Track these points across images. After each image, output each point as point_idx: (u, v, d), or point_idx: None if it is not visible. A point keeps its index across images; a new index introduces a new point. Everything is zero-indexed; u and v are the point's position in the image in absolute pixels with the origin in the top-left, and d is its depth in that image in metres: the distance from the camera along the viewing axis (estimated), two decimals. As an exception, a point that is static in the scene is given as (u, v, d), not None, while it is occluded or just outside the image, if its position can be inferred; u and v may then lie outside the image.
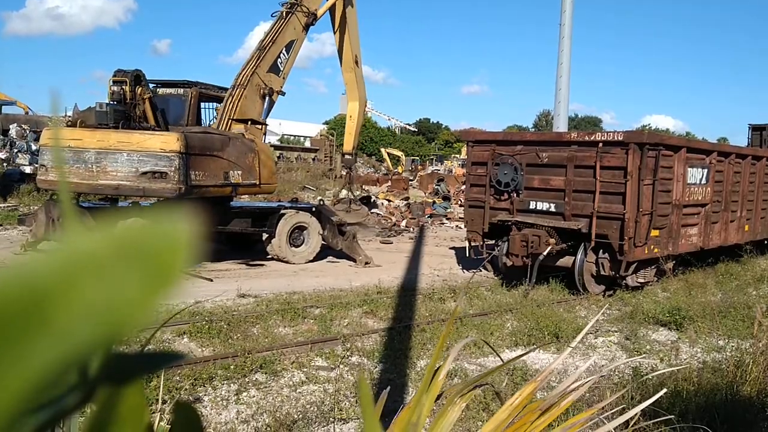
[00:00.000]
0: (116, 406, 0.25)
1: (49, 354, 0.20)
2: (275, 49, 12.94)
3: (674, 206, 10.94)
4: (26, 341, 0.20)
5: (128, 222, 0.22)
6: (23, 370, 0.20)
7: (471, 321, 8.33)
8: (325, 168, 35.91)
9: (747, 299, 9.81)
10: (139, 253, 0.22)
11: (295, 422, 5.05)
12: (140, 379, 0.27)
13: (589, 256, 10.39)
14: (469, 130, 14.08)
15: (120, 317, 0.21)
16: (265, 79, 12.76)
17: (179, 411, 0.33)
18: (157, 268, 0.22)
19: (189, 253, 0.22)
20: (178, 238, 0.23)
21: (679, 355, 7.17)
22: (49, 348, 0.20)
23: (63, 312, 0.20)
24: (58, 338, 0.20)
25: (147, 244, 0.22)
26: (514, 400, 1.52)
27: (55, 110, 1.05)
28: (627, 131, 10.18)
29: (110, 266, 0.21)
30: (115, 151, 10.30)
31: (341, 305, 8.81)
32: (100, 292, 0.21)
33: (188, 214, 0.23)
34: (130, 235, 0.22)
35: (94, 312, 0.21)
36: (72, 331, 0.21)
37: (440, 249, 15.78)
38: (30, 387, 0.20)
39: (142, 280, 0.22)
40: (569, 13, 19.07)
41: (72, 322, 0.21)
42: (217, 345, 6.94)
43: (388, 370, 6.48)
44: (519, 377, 6.05)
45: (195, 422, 0.34)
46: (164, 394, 5.07)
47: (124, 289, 0.21)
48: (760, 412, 4.83)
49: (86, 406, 0.26)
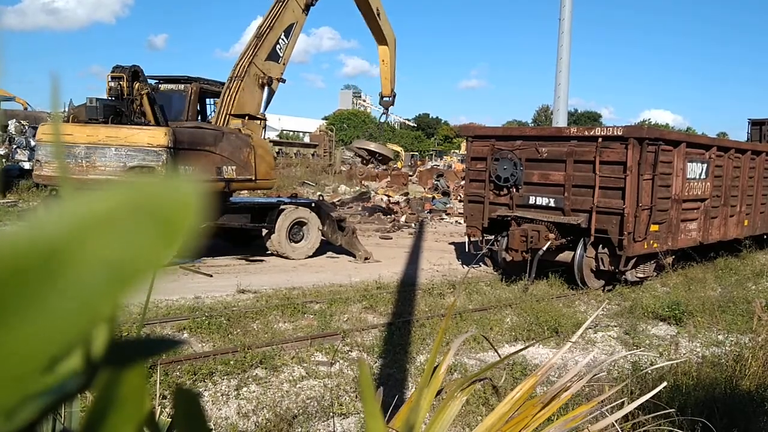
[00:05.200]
0: (118, 389, 0.25)
1: (64, 308, 0.20)
2: (273, 35, 12.56)
3: (674, 201, 10.94)
4: (41, 295, 0.20)
5: (137, 179, 0.22)
6: (40, 326, 0.20)
7: (471, 316, 8.34)
8: (324, 163, 35.89)
9: (746, 294, 9.82)
10: (149, 209, 0.22)
11: (295, 417, 5.06)
12: (142, 362, 0.27)
13: (589, 251, 10.40)
14: (469, 125, 14.03)
15: (132, 271, 0.21)
16: (264, 67, 12.44)
17: (180, 397, 0.33)
18: (167, 223, 0.22)
19: (198, 209, 0.22)
20: (187, 194, 0.23)
21: (678, 349, 7.18)
22: (63, 302, 0.20)
23: (77, 266, 0.20)
24: (73, 292, 0.20)
25: (157, 201, 0.22)
26: (515, 394, 1.53)
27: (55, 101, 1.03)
28: (626, 126, 10.18)
29: (121, 222, 0.21)
30: (104, 145, 10.34)
31: (341, 300, 8.82)
32: (112, 246, 0.21)
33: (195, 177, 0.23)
34: (140, 191, 0.22)
35: (107, 266, 0.21)
36: (86, 285, 0.21)
37: (440, 244, 15.78)
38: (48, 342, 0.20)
39: (153, 235, 0.22)
40: (569, 8, 19.03)
41: (85, 276, 0.21)
42: (216, 340, 6.95)
43: (387, 365, 6.49)
44: (519, 372, 6.06)
45: (197, 408, 0.34)
46: (164, 389, 5.07)
47: (135, 243, 0.21)
48: (759, 406, 4.84)
49: (88, 390, 0.26)
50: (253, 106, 12.39)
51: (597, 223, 10.15)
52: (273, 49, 12.61)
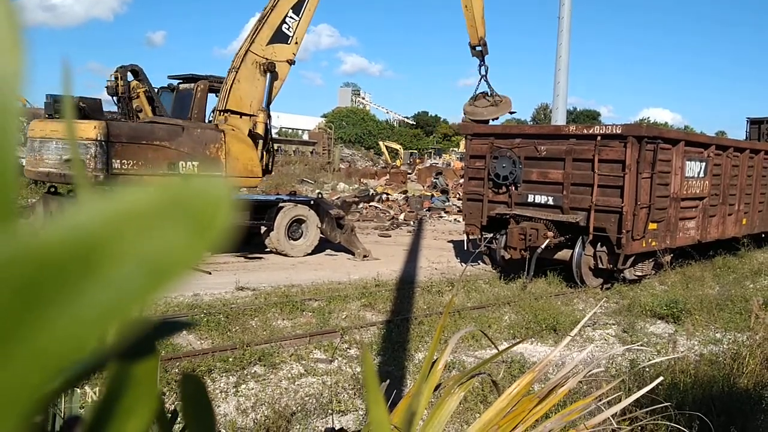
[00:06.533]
0: (132, 369, 0.26)
1: (101, 301, 0.21)
2: (276, 15, 12.08)
3: (672, 199, 10.96)
4: (78, 290, 0.21)
5: (170, 179, 0.23)
6: (74, 318, 0.21)
7: (469, 314, 8.35)
8: (323, 161, 35.90)
9: (744, 292, 9.84)
10: (183, 207, 0.23)
11: (294, 414, 5.07)
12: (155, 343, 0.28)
13: (587, 249, 10.41)
14: (468, 123, 13.88)
15: (168, 267, 0.22)
16: (267, 52, 12.04)
17: (187, 383, 0.34)
18: (201, 220, 0.23)
19: (230, 207, 0.23)
20: (219, 193, 0.24)
21: (676, 347, 7.20)
22: (99, 297, 0.21)
23: (113, 262, 0.21)
24: (109, 287, 0.21)
25: (190, 199, 0.23)
26: (512, 390, 1.54)
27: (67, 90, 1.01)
28: (625, 124, 10.19)
29: (157, 218, 0.22)
30: (49, 139, 10.68)
31: (340, 298, 8.83)
32: (147, 242, 0.22)
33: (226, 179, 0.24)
34: (174, 190, 0.23)
35: (144, 262, 0.22)
36: (123, 280, 0.21)
37: (438, 242, 15.80)
38: (83, 335, 0.21)
39: (187, 232, 0.23)
40: (568, 6, 19.02)
41: (123, 271, 0.21)
42: (215, 337, 6.96)
43: (386, 362, 6.51)
44: (517, 370, 6.08)
45: (203, 393, 0.35)
46: (163, 386, 5.08)
47: (170, 240, 0.22)
48: (756, 404, 4.86)
49: (102, 370, 0.27)
50: (255, 95, 12.09)
51: (595, 222, 10.16)
52: (278, 30, 12.13)
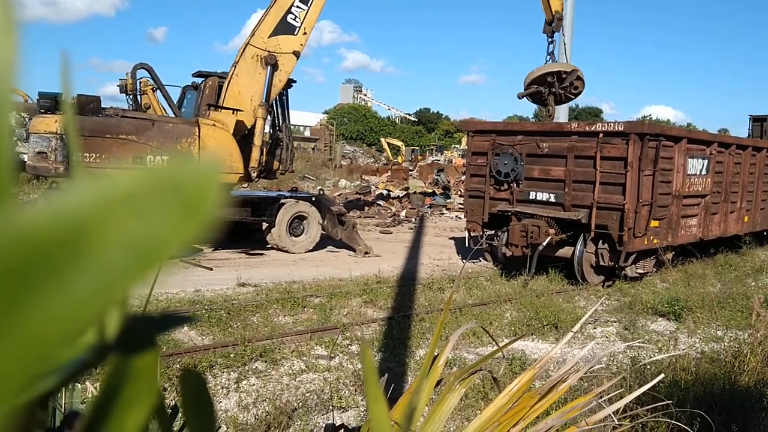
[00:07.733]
0: (132, 363, 0.26)
1: (89, 285, 0.21)
2: (279, 8, 11.98)
3: (674, 197, 10.94)
4: (66, 272, 0.21)
5: (159, 162, 0.23)
6: (65, 302, 0.21)
7: (470, 311, 8.36)
8: (324, 158, 35.88)
9: (746, 290, 9.84)
10: (172, 189, 0.23)
11: (295, 410, 5.08)
12: (155, 337, 0.28)
13: (589, 247, 10.40)
14: (470, 120, 13.85)
15: (156, 249, 0.22)
16: (268, 45, 11.94)
17: (188, 379, 0.34)
18: (190, 202, 0.23)
19: (219, 189, 0.23)
20: (208, 175, 0.24)
21: (677, 345, 7.20)
22: (88, 279, 0.21)
23: (101, 245, 0.21)
24: (97, 271, 0.21)
25: (179, 181, 0.23)
26: (513, 386, 1.54)
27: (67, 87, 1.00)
28: (628, 122, 10.17)
29: (145, 201, 0.22)
30: (30, 134, 11.45)
31: (341, 294, 8.83)
32: (136, 225, 0.22)
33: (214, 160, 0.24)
34: (163, 172, 0.23)
35: (131, 244, 0.22)
36: (110, 263, 0.21)
37: (440, 239, 15.79)
38: (72, 319, 0.21)
39: (175, 214, 0.22)
40: (570, 4, 19.00)
41: (110, 254, 0.21)
42: (216, 334, 6.96)
43: (387, 359, 6.51)
44: (518, 367, 6.08)
45: (203, 389, 0.35)
46: (164, 382, 5.09)
47: (159, 222, 0.22)
48: (757, 401, 4.86)
49: (102, 364, 0.26)
50: (256, 89, 12.04)
51: (597, 219, 10.15)
52: (283, 21, 12.01)
